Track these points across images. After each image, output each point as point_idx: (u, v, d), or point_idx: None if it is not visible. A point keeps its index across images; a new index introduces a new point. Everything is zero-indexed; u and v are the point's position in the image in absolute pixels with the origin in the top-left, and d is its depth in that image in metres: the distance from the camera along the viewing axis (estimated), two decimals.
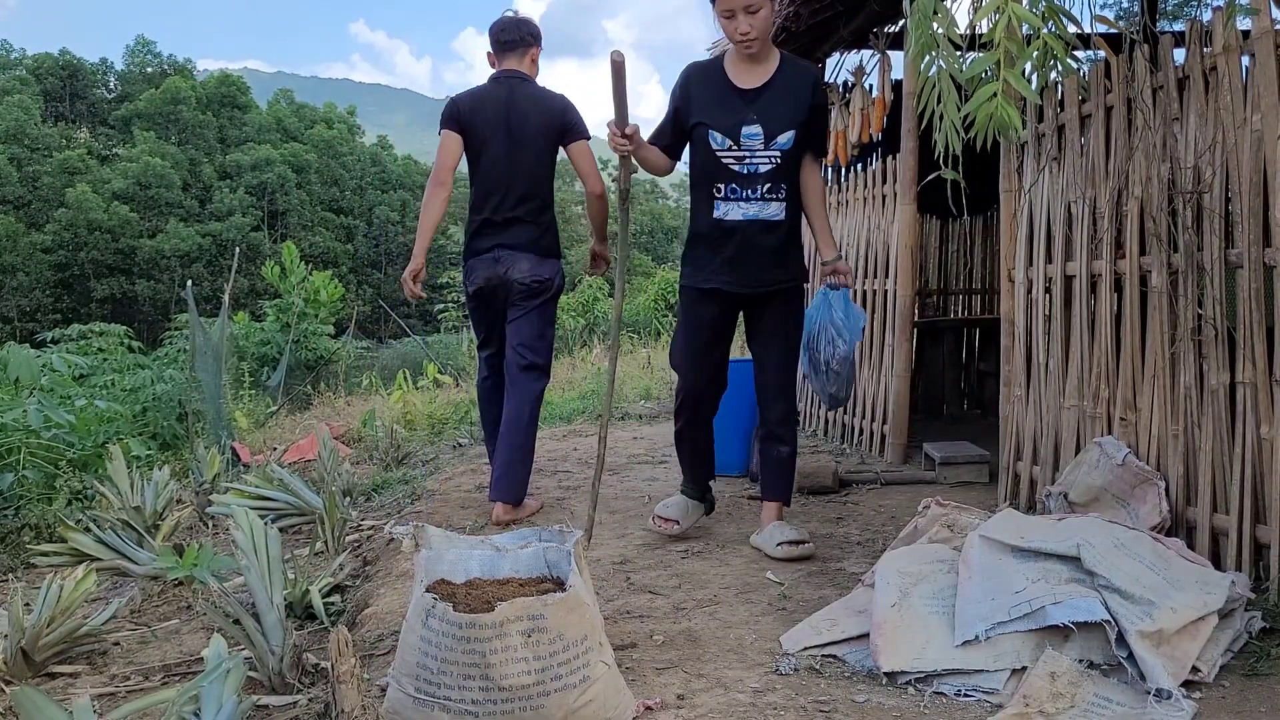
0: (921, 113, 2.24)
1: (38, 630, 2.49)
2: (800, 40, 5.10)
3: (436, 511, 3.86)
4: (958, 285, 6.78)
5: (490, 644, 1.78)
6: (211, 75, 52.31)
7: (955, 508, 2.82)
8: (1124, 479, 2.83)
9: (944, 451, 4.21)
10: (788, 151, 3.05)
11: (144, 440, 6.02)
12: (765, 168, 3.05)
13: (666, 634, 2.44)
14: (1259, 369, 2.47)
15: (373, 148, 55.14)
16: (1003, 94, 2.04)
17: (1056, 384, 3.27)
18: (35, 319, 35.53)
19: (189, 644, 2.78)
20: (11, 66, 47.12)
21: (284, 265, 12.24)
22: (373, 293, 44.22)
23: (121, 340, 8.92)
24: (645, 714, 1.96)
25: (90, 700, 1.80)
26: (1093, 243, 3.08)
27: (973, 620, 2.15)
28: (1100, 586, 2.13)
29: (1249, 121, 2.46)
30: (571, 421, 6.54)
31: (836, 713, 1.98)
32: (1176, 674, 2.00)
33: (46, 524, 3.95)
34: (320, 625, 2.82)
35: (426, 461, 5.43)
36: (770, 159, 3.04)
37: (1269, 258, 2.44)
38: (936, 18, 2.08)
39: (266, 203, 45.13)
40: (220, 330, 7.64)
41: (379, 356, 17.49)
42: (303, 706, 2.14)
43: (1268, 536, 2.44)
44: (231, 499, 4.01)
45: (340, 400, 9.13)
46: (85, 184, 39.49)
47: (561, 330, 16.14)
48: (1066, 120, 3.21)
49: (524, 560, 2.13)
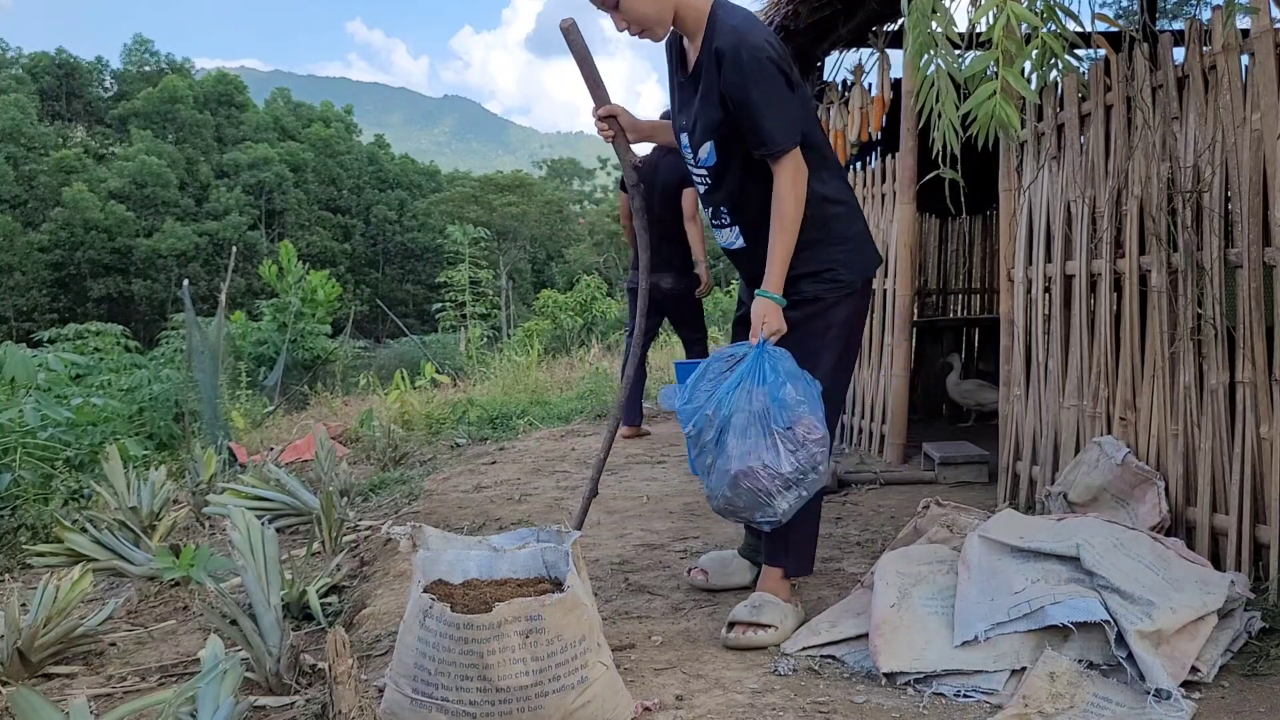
0: (920, 112, 2.23)
1: (34, 631, 2.48)
2: (799, 39, 5.10)
3: (434, 512, 3.85)
4: (957, 285, 6.78)
5: (488, 645, 1.77)
6: (208, 74, 52.25)
7: (954, 508, 2.82)
8: (1123, 479, 2.83)
9: (943, 451, 4.21)
10: (714, 168, 2.42)
11: (140, 440, 6.01)
12: (704, 187, 2.51)
13: (665, 635, 2.43)
14: (1258, 368, 2.47)
15: (370, 147, 55.09)
16: (1001, 93, 2.03)
17: (1056, 383, 3.26)
18: (31, 318, 35.48)
19: (186, 645, 2.77)
20: (8, 65, 47.03)
21: (281, 264, 12.23)
22: (370, 292, 44.18)
23: (118, 340, 8.92)
24: (644, 715, 1.96)
25: (86, 701, 1.79)
26: (1092, 242, 3.07)
27: (972, 620, 2.14)
28: (1100, 587, 2.12)
29: (1248, 120, 2.46)
30: (570, 421, 6.53)
31: (835, 713, 1.97)
32: (1176, 674, 2.00)
33: (43, 524, 3.94)
34: (317, 626, 2.81)
35: (424, 462, 5.42)
36: (703, 178, 2.48)
37: (1268, 257, 2.44)
38: (935, 16, 2.08)
39: (263, 202, 45.07)
40: (217, 330, 7.63)
41: (376, 356, 17.50)
42: (300, 707, 2.13)
43: (1267, 536, 2.44)
44: (228, 499, 3.99)
45: (337, 400, 9.12)
46: (81, 183, 39.41)
47: (560, 330, 16.14)
48: (1066, 119, 3.20)
49: (522, 561, 2.12)
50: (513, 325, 24.86)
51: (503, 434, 6.26)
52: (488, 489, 4.34)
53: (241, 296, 31.81)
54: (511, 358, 10.42)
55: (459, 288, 24.41)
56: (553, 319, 17.39)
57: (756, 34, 2.30)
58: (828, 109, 5.49)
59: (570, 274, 39.42)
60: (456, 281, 24.56)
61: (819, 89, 5.67)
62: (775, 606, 2.38)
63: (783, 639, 2.34)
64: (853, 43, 5.26)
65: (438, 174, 59.58)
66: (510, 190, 44.61)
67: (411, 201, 51.13)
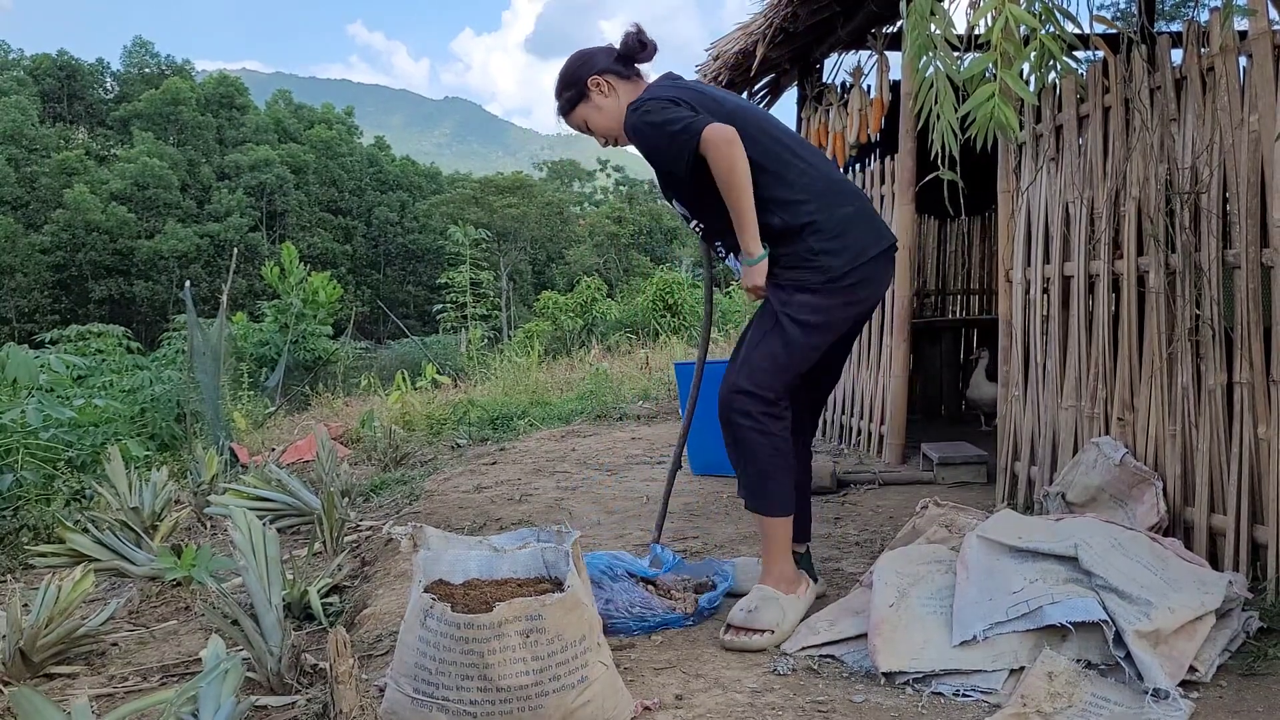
0: (919, 113, 2.24)
1: (36, 631, 2.49)
2: (798, 41, 5.11)
3: (435, 512, 3.86)
4: (956, 286, 6.79)
5: (488, 644, 1.78)
6: (210, 76, 52.31)
7: (953, 508, 2.83)
8: (1121, 479, 2.83)
9: (942, 452, 4.22)
10: (691, 211, 2.61)
11: (142, 441, 6.03)
12: (699, 234, 2.72)
13: (664, 634, 2.44)
14: (1256, 369, 2.48)
15: (371, 148, 55.15)
16: (1000, 95, 2.04)
17: (1054, 384, 3.27)
18: (33, 320, 35.54)
19: (187, 645, 2.78)
20: (9, 67, 47.11)
21: (283, 266, 12.25)
22: (371, 293, 44.24)
23: (120, 341, 8.94)
24: (643, 714, 1.96)
25: (88, 701, 1.80)
26: (1090, 243, 3.08)
27: (971, 620, 2.15)
28: (1098, 586, 2.13)
29: (1246, 122, 2.47)
30: (570, 422, 6.54)
31: (835, 713, 1.98)
32: (1174, 674, 2.00)
33: (45, 525, 3.95)
34: (319, 626, 2.82)
35: (425, 462, 5.44)
36: (695, 228, 2.68)
37: (1266, 258, 2.44)
38: (933, 19, 2.09)
39: (265, 203, 45.13)
40: (218, 331, 7.65)
41: (377, 357, 17.53)
42: (301, 707, 2.14)
43: (1265, 536, 2.44)
44: (230, 500, 4.00)
45: (339, 401, 9.14)
46: (83, 185, 39.47)
47: (560, 331, 16.16)
48: (1064, 121, 3.21)
49: (522, 561, 2.13)
50: (513, 326, 24.89)
51: (503, 435, 6.27)
52: (488, 489, 4.35)
53: (243, 298, 31.86)
54: (512, 359, 10.44)
55: (460, 289, 24.45)
56: (553, 320, 17.41)
57: (637, 103, 2.48)
58: (826, 110, 5.50)
59: (570, 275, 39.45)
60: (457, 283, 24.60)
61: (818, 91, 5.68)
62: (772, 605, 2.37)
63: (780, 640, 2.33)
64: (852, 45, 5.27)
65: (438, 176, 59.66)
66: (511, 192, 44.65)
67: (412, 203, 51.21)
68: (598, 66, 2.57)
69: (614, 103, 2.57)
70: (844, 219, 2.45)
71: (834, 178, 2.52)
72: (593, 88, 2.57)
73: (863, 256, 2.45)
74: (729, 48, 5.26)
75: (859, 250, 2.44)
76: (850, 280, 2.43)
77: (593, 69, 2.57)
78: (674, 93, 2.45)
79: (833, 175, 2.53)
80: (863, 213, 2.50)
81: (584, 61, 2.59)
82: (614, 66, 2.58)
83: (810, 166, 2.49)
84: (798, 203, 2.44)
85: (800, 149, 2.51)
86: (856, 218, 2.48)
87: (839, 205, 2.46)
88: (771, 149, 2.45)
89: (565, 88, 2.60)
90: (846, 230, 2.45)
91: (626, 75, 2.59)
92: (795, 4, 4.58)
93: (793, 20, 4.69)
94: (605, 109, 2.57)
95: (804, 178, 2.45)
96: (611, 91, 2.57)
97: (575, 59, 2.62)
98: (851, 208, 2.48)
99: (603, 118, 2.58)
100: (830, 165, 2.57)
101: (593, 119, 2.59)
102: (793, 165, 2.46)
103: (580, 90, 2.58)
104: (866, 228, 2.49)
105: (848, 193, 2.51)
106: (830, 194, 2.47)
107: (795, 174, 2.45)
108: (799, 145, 2.53)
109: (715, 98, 2.51)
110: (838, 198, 2.48)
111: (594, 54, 2.61)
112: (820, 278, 2.42)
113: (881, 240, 2.50)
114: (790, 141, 2.52)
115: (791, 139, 2.53)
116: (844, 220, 2.45)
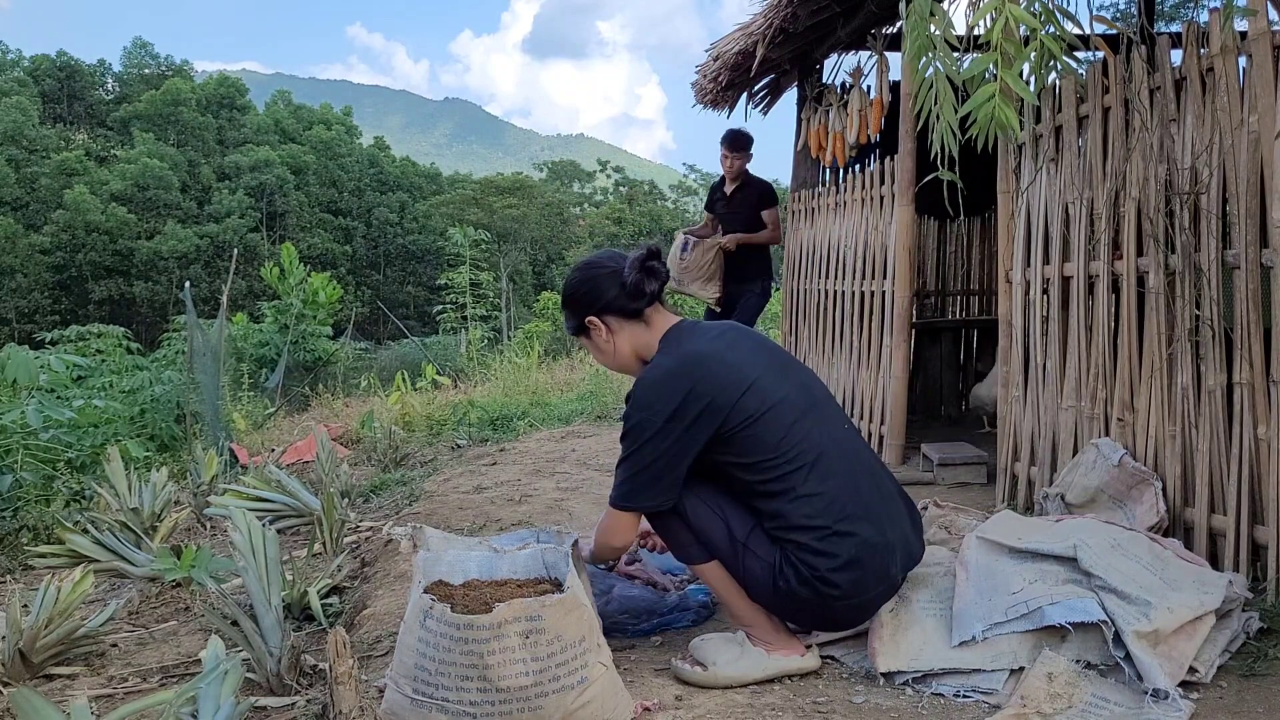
0: (919, 114, 2.24)
1: (35, 632, 2.49)
2: (797, 41, 5.11)
3: (434, 513, 3.86)
4: (956, 286, 6.78)
5: (488, 645, 1.78)
6: (210, 77, 52.32)
7: (953, 509, 2.83)
8: (1121, 480, 2.83)
9: (942, 452, 4.22)
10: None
11: (142, 442, 6.03)
12: None
13: (664, 635, 2.44)
14: (1256, 370, 2.48)
15: (370, 149, 55.14)
16: (1000, 95, 2.04)
17: (1054, 385, 3.27)
18: (33, 320, 35.53)
19: (187, 645, 2.78)
20: (9, 68, 47.13)
21: (282, 266, 12.26)
22: (371, 294, 44.22)
23: (120, 342, 8.94)
24: (643, 715, 1.96)
25: (88, 701, 1.80)
26: (1090, 244, 3.08)
27: (970, 621, 2.15)
28: (1097, 587, 2.13)
29: (1246, 123, 2.47)
30: (570, 423, 6.53)
31: (834, 713, 1.98)
32: (1174, 674, 2.00)
33: (44, 525, 3.94)
34: (318, 626, 2.82)
35: (425, 463, 5.43)
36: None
37: (1266, 258, 2.44)
38: (933, 19, 2.09)
39: (265, 204, 45.12)
40: (218, 332, 7.64)
41: (377, 358, 17.52)
42: (300, 708, 2.14)
43: (1265, 537, 2.44)
44: (229, 500, 4.00)
45: (338, 401, 9.13)
46: (83, 185, 39.47)
47: (561, 332, 16.14)
48: (1064, 121, 3.21)
49: (522, 561, 2.13)
50: (513, 327, 24.88)
51: (503, 435, 6.27)
52: (488, 490, 4.34)
53: (243, 298, 31.86)
54: (512, 359, 10.43)
55: (459, 290, 24.45)
56: (553, 321, 17.40)
57: (637, 390, 2.17)
58: (826, 111, 5.50)
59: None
60: (457, 283, 24.59)
61: (818, 91, 5.68)
62: (722, 648, 2.16)
63: (709, 683, 2.11)
64: (851, 45, 5.27)
65: (438, 176, 59.65)
66: (510, 193, 44.64)
67: (412, 204, 51.19)
68: (600, 303, 2.24)
69: (614, 346, 2.27)
70: (853, 558, 2.10)
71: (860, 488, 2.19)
72: (590, 327, 2.28)
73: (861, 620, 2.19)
74: (729, 48, 5.26)
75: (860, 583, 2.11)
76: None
77: (594, 306, 2.25)
78: (681, 383, 2.09)
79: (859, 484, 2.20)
80: (874, 544, 2.14)
81: (588, 290, 2.26)
82: (618, 304, 2.23)
83: (823, 483, 2.11)
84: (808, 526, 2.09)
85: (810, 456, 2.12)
86: (870, 550, 2.12)
87: (855, 527, 2.12)
88: (774, 463, 2.09)
89: (568, 309, 2.32)
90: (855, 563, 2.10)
91: (632, 313, 2.24)
92: (795, 4, 4.59)
93: (792, 21, 4.70)
94: (604, 350, 2.29)
95: (812, 503, 2.10)
96: (611, 336, 2.26)
97: (580, 278, 2.29)
98: (858, 536, 2.12)
99: (604, 357, 2.32)
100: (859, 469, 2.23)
101: (596, 351, 2.33)
102: (796, 485, 2.10)
103: (579, 324, 2.29)
104: (870, 565, 2.13)
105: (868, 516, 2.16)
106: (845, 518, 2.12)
107: (804, 495, 2.10)
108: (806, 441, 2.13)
109: (731, 380, 2.10)
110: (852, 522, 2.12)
111: (599, 282, 2.24)
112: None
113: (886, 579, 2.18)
114: (799, 439, 2.12)
115: (802, 439, 2.12)
116: (854, 557, 2.10)
